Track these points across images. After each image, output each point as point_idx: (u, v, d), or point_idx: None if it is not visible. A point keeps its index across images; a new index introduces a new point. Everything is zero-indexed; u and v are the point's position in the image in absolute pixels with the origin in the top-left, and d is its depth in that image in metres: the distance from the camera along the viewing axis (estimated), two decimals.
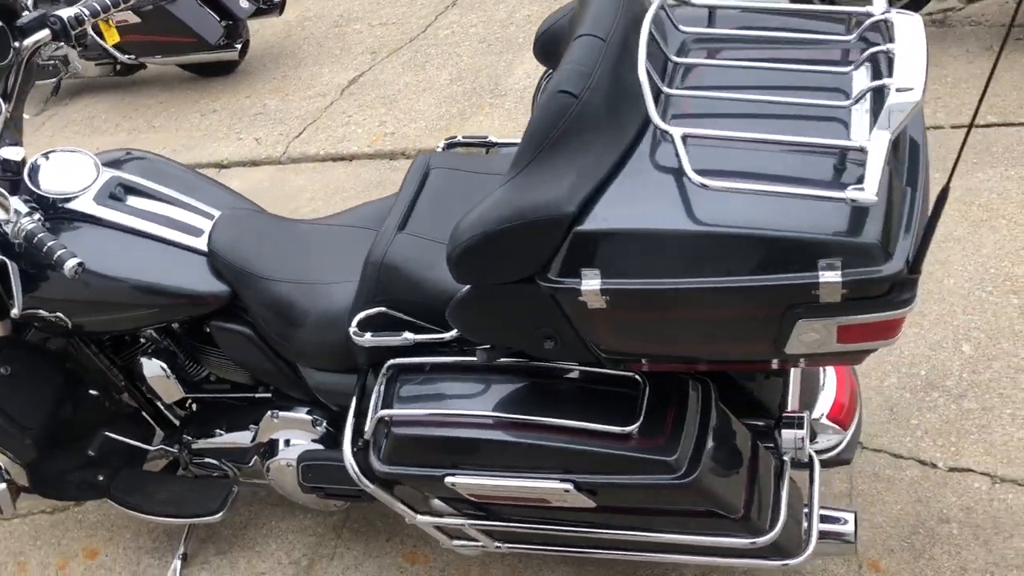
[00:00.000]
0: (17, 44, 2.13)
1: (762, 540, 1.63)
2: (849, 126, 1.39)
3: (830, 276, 1.28)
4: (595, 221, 1.37)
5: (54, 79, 5.18)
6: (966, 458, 2.18)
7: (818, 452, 1.86)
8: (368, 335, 1.73)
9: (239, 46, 4.87)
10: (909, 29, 1.42)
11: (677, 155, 1.31)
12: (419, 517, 1.84)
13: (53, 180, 2.00)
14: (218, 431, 2.23)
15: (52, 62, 5.26)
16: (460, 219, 1.44)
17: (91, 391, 2.30)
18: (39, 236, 1.80)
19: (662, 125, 1.35)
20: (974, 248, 2.74)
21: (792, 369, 1.76)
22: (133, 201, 2.04)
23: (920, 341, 2.49)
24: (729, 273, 1.33)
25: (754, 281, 1.32)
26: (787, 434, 1.66)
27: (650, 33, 1.43)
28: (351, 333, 1.73)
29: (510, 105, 4.14)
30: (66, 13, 2.17)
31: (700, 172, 1.31)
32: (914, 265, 1.31)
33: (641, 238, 1.36)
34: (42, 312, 2.00)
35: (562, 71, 1.40)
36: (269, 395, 2.17)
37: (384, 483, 1.80)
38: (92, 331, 2.12)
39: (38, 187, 1.98)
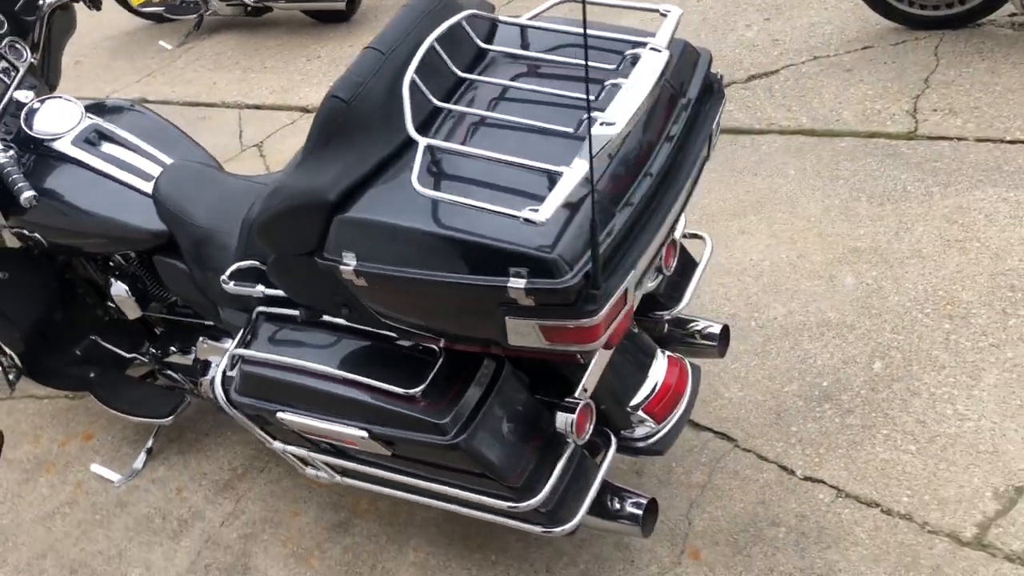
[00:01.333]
0: (41, 2, 2.53)
1: (523, 505, 1.81)
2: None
3: (517, 283, 1.46)
4: (352, 211, 1.59)
5: (196, 15, 5.76)
6: (824, 470, 2.25)
7: (628, 439, 2.01)
8: (232, 284, 2.02)
9: None
10: (647, 67, 1.54)
11: (414, 162, 1.51)
12: (274, 443, 2.13)
13: (43, 122, 2.39)
14: (172, 348, 2.61)
15: (193, 0, 5.83)
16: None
17: (88, 300, 2.73)
18: (6, 170, 2.19)
19: (413, 135, 1.54)
20: (934, 268, 2.72)
21: (596, 358, 1.90)
22: (104, 146, 2.40)
23: (837, 353, 2.54)
24: (445, 269, 1.52)
25: (462, 279, 1.51)
26: (560, 416, 1.82)
27: (432, 48, 1.62)
28: (221, 280, 2.03)
29: None
30: None
31: (431, 178, 1.51)
32: (593, 281, 1.46)
33: (384, 229, 1.57)
34: (25, 231, 2.42)
35: (339, 78, 1.62)
36: (213, 323, 2.51)
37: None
38: (64, 250, 2.52)
39: (30, 128, 2.37)
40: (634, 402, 2.00)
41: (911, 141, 3.27)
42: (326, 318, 1.94)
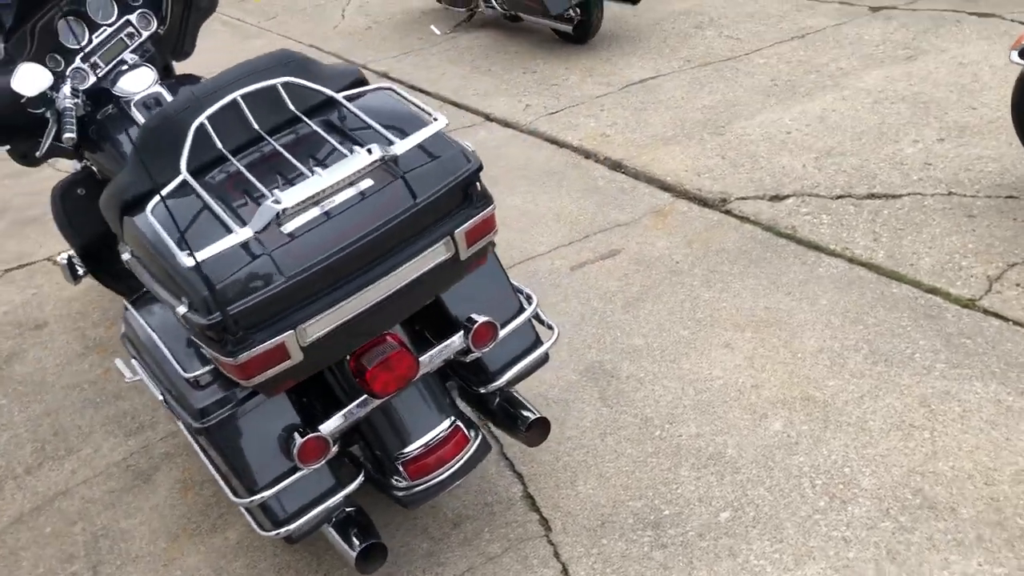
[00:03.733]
0: None
1: (240, 502, 2.07)
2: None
3: (180, 309, 1.74)
4: (131, 214, 1.95)
5: (467, 10, 6.35)
6: None
7: (385, 483, 2.19)
8: None
9: (573, 23, 5.52)
10: (344, 165, 1.73)
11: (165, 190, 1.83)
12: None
13: (125, 83, 2.96)
14: None
15: None
16: None
17: None
18: (65, 113, 2.78)
19: (182, 169, 1.86)
20: (863, 444, 2.54)
21: (353, 404, 2.10)
22: (155, 111, 2.93)
23: (702, 489, 2.48)
24: (157, 282, 1.84)
25: (161, 292, 1.82)
26: (296, 439, 2.05)
27: (236, 104, 1.91)
28: None
29: (711, 146, 4.27)
30: None
31: (168, 206, 1.83)
32: (228, 327, 1.69)
33: (135, 235, 1.92)
34: (89, 164, 3.03)
35: (160, 108, 1.96)
36: None
37: None
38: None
39: (112, 86, 2.96)
40: (399, 453, 2.18)
41: (964, 309, 2.98)
42: None
